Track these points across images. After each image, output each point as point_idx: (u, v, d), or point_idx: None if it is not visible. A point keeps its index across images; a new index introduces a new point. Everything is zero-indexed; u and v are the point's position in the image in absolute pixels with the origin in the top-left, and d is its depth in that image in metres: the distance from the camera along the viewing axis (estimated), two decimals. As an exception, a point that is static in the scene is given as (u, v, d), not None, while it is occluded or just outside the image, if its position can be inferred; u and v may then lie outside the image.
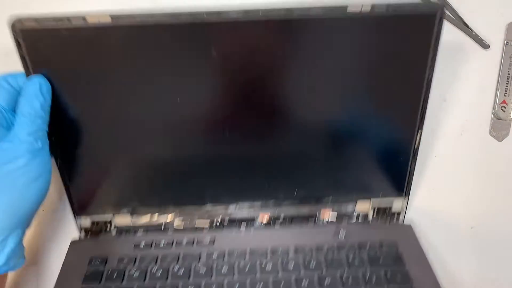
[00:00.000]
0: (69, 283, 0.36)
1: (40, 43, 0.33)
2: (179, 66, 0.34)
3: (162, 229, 0.42)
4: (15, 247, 0.32)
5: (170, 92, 0.35)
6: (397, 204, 0.42)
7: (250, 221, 0.43)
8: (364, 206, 0.43)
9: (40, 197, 0.33)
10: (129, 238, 0.41)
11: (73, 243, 0.40)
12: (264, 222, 0.43)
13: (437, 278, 0.36)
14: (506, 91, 0.43)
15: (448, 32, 0.39)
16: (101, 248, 0.39)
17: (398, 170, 0.41)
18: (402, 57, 0.35)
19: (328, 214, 0.43)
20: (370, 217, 0.43)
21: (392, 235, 0.40)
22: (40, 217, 0.43)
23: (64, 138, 0.37)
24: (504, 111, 0.43)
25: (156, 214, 0.42)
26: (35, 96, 0.32)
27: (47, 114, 0.34)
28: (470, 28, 0.40)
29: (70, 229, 0.42)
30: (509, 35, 0.41)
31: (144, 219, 0.42)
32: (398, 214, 0.43)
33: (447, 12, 0.40)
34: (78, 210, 0.41)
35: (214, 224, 0.42)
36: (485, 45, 0.42)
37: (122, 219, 0.42)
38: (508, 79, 0.42)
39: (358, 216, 0.43)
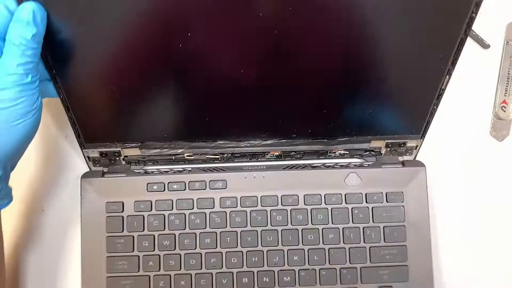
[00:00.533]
0: (94, 232, 0.39)
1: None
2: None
3: (173, 159, 0.41)
4: None
5: (179, 19, 0.31)
6: (411, 143, 0.41)
7: (261, 155, 0.42)
8: (377, 144, 0.41)
9: (27, 136, 0.32)
10: (141, 177, 0.40)
11: (84, 183, 0.40)
12: (276, 154, 0.42)
13: (430, 242, 0.40)
14: (506, 91, 0.43)
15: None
16: (115, 189, 0.40)
17: (418, 111, 0.39)
18: None
19: (340, 152, 0.42)
20: (383, 151, 0.42)
21: (402, 178, 0.41)
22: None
23: (65, 69, 0.33)
24: (504, 111, 0.43)
25: (166, 149, 0.40)
26: (28, 25, 0.29)
27: (40, 46, 0.30)
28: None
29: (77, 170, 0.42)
30: (509, 35, 0.42)
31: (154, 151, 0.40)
32: (411, 149, 0.42)
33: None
34: (85, 141, 0.39)
35: (225, 156, 0.41)
36: (485, 45, 0.42)
37: (131, 151, 0.40)
38: (508, 79, 0.43)
39: (370, 151, 0.42)
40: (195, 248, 0.39)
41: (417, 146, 0.41)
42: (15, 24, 0.29)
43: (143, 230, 0.39)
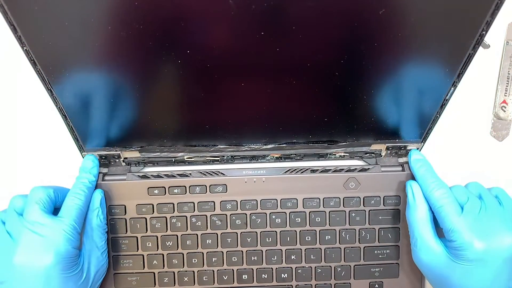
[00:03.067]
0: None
1: None
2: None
3: (173, 161, 0.41)
4: None
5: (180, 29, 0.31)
6: (412, 146, 0.41)
7: (261, 157, 0.41)
8: (378, 147, 0.41)
9: None
10: (142, 181, 0.40)
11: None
12: (276, 156, 0.41)
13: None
14: (506, 91, 0.43)
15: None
16: (116, 193, 0.40)
17: (421, 119, 0.39)
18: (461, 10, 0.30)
19: (340, 154, 0.41)
20: (383, 153, 0.42)
21: (400, 183, 0.41)
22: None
23: (61, 81, 0.33)
24: (504, 111, 0.43)
25: (166, 153, 0.40)
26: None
27: None
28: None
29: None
30: (509, 35, 0.42)
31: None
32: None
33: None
34: (84, 146, 0.39)
35: (225, 158, 0.41)
36: (485, 45, 0.42)
37: (131, 154, 0.40)
38: (508, 79, 0.42)
39: (370, 153, 0.42)
40: (197, 248, 0.41)
41: (417, 148, 0.41)
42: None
43: (146, 231, 0.41)
